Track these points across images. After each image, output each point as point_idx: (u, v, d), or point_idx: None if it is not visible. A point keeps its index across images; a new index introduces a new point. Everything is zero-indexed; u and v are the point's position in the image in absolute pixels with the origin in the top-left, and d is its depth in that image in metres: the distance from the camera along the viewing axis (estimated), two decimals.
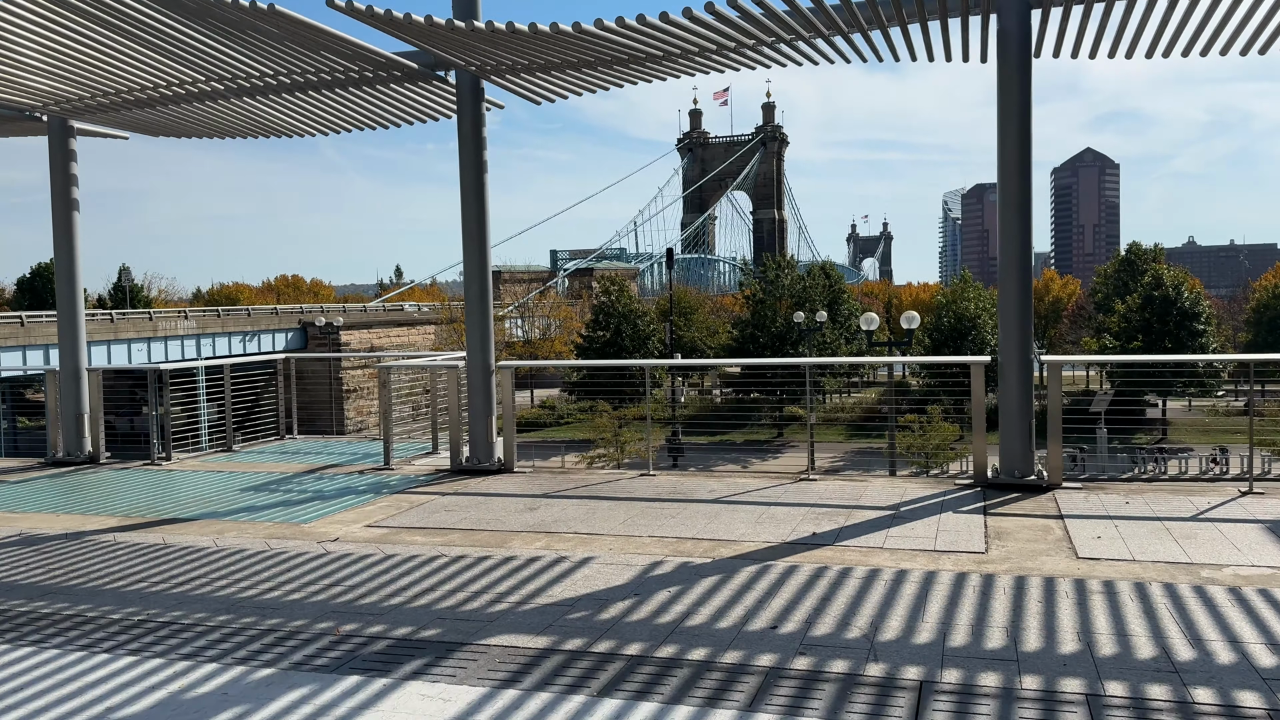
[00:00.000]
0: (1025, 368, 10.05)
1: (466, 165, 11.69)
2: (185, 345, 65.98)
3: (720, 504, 9.58)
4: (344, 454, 13.87)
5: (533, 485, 10.87)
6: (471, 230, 11.72)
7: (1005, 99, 10.00)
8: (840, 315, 71.08)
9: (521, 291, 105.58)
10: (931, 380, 67.70)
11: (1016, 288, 10.03)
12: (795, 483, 10.55)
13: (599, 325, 70.24)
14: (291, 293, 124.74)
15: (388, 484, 11.32)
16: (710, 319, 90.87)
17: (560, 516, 9.23)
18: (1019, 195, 10.01)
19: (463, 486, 10.96)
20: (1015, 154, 9.99)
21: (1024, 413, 10.05)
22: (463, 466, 11.80)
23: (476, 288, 11.79)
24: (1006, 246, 10.07)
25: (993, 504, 9.33)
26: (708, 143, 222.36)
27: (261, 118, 13.41)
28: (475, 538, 8.54)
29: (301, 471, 12.45)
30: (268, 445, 15.11)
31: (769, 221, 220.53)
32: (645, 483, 10.80)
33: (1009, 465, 10.06)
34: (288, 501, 10.55)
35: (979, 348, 64.89)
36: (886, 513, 9.05)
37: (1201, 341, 58.31)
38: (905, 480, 10.52)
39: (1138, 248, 73.67)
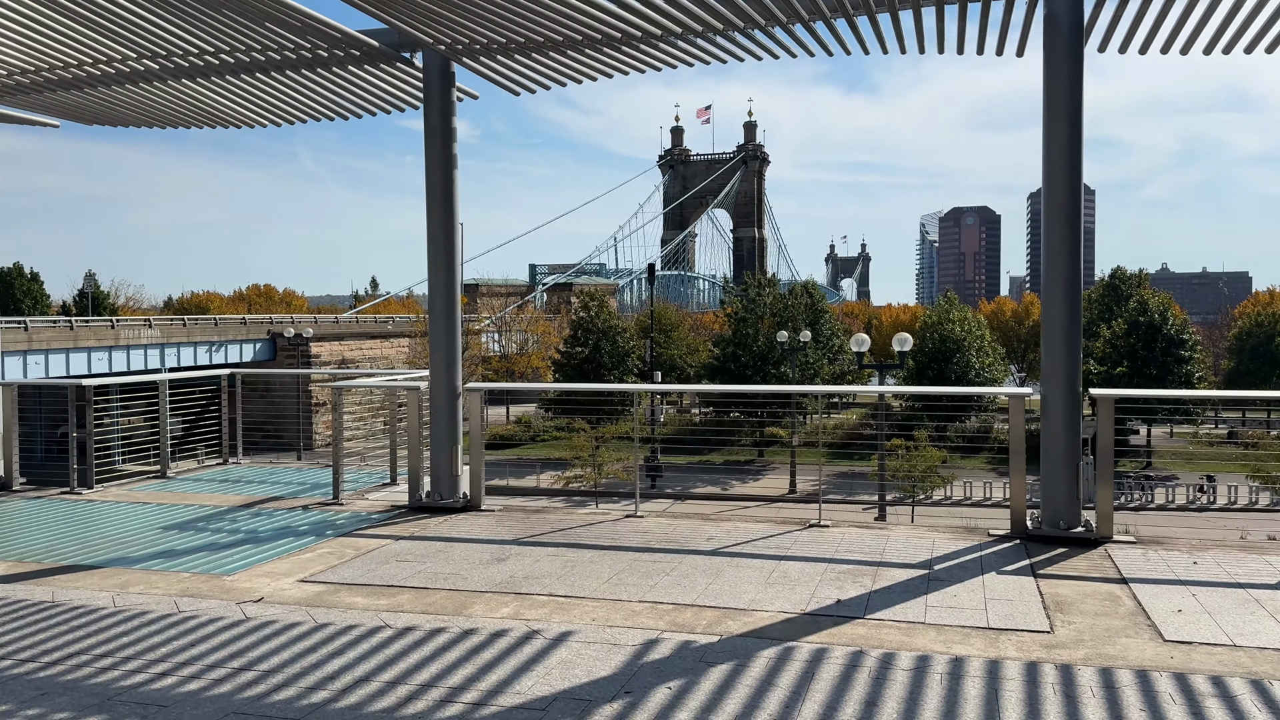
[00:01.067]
0: (1073, 402, 8.73)
1: (434, 160, 10.27)
2: (149, 355, 63.82)
3: (721, 557, 8.16)
4: (290, 483, 12.33)
5: (502, 528, 9.40)
6: (438, 234, 10.29)
7: (1053, 94, 8.73)
8: (822, 335, 69.98)
9: (499, 305, 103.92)
10: (916, 402, 66.73)
11: (1064, 309, 8.72)
12: (805, 530, 9.15)
13: (577, 341, 68.74)
14: (263, 302, 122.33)
15: (334, 523, 9.81)
16: (690, 337, 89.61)
17: (533, 571, 7.77)
18: (1067, 203, 8.72)
19: (420, 528, 9.47)
20: (1064, 156, 8.71)
21: (1070, 454, 8.72)
22: (422, 503, 10.32)
23: (442, 299, 10.34)
24: (1052, 261, 8.77)
25: (1039, 562, 7.98)
26: (689, 160, 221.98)
27: (205, 105, 11.94)
28: (429, 600, 7.06)
29: (239, 505, 10.91)
30: (208, 471, 13.54)
31: (749, 240, 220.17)
32: (632, 527, 9.36)
33: (1053, 515, 8.72)
34: (214, 545, 9.01)
35: (964, 370, 64.01)
36: (918, 572, 7.66)
37: (1187, 369, 57.71)
38: (931, 530, 9.15)
39: (1122, 272, 73.22)
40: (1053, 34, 8.64)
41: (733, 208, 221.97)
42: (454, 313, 10.37)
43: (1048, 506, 8.78)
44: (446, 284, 10.34)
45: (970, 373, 62.90)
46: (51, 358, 58.09)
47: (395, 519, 9.94)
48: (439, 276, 10.33)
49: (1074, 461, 8.73)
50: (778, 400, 64.03)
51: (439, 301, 10.35)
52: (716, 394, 68.77)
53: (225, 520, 10.12)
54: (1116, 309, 69.16)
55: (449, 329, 10.36)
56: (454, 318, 10.37)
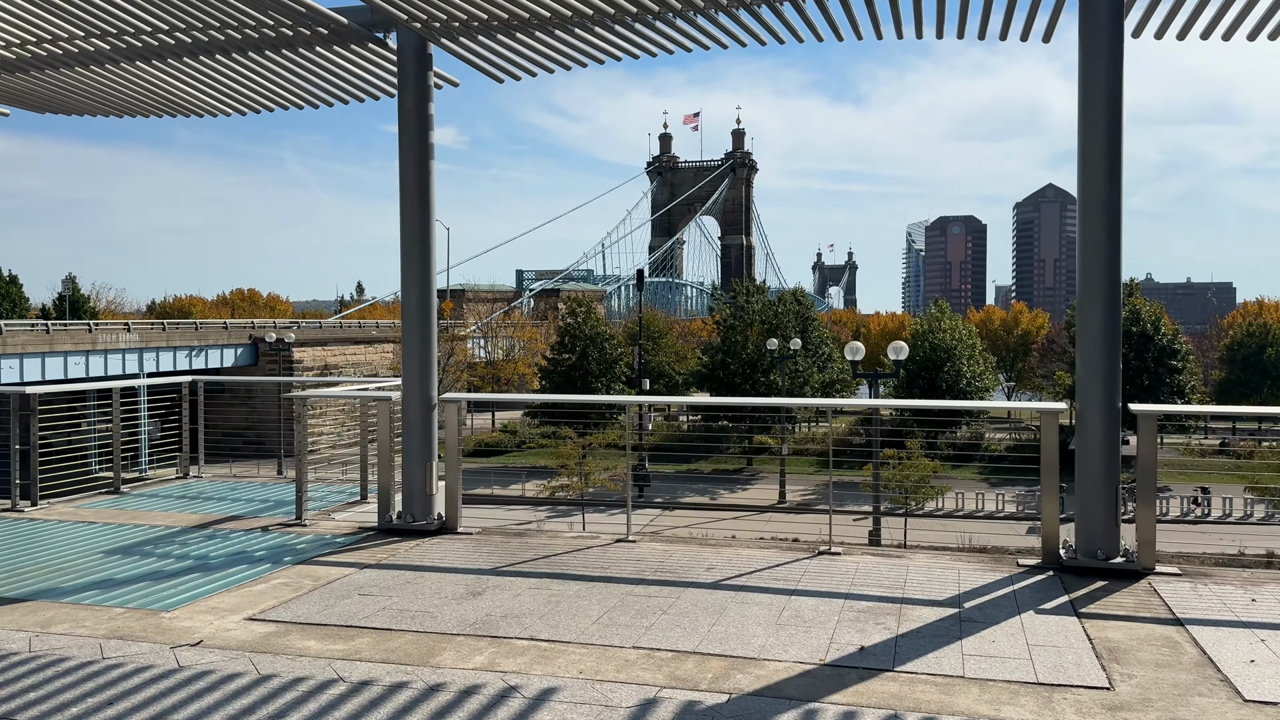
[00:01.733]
0: (1113, 419, 7.91)
1: (408, 149, 9.39)
2: (127, 359, 62.50)
3: (724, 590, 7.29)
4: (253, 500, 11.39)
5: (479, 554, 8.50)
6: (412, 229, 9.40)
7: (1090, 79, 7.93)
8: (811, 343, 69.33)
9: (485, 311, 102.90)
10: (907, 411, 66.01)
11: (1102, 317, 7.90)
12: (814, 558, 8.29)
13: (564, 348, 67.80)
14: (247, 307, 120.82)
15: (293, 548, 8.88)
16: (678, 344, 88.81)
17: (513, 608, 6.87)
18: (1106, 201, 7.91)
19: (389, 554, 8.55)
20: (1102, 148, 7.91)
21: (1109, 475, 7.90)
22: (393, 525, 9.40)
23: (417, 300, 9.45)
24: (1089, 263, 7.95)
25: (1080, 598, 7.14)
26: (677, 167, 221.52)
27: (163, 91, 11.02)
28: (392, 645, 6.15)
29: (193, 526, 9.96)
30: (166, 486, 12.57)
31: (737, 247, 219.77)
32: (624, 554, 8.47)
33: (1089, 543, 7.89)
34: (158, 573, 8.08)
35: (954, 379, 63.41)
36: (947, 611, 6.81)
37: (1179, 379, 57.22)
38: (954, 558, 8.31)
39: None
40: (1090, 13, 7.85)
41: (721, 215, 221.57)
42: (429, 316, 9.48)
43: (1083, 534, 7.95)
44: (421, 284, 9.45)
45: (961, 381, 62.32)
46: (26, 362, 56.74)
47: (362, 543, 9.02)
48: (413, 275, 9.44)
49: (1113, 484, 7.91)
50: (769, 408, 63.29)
51: (413, 303, 9.45)
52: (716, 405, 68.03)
53: (175, 544, 9.18)
54: None
55: (424, 334, 9.46)
56: (429, 321, 9.48)
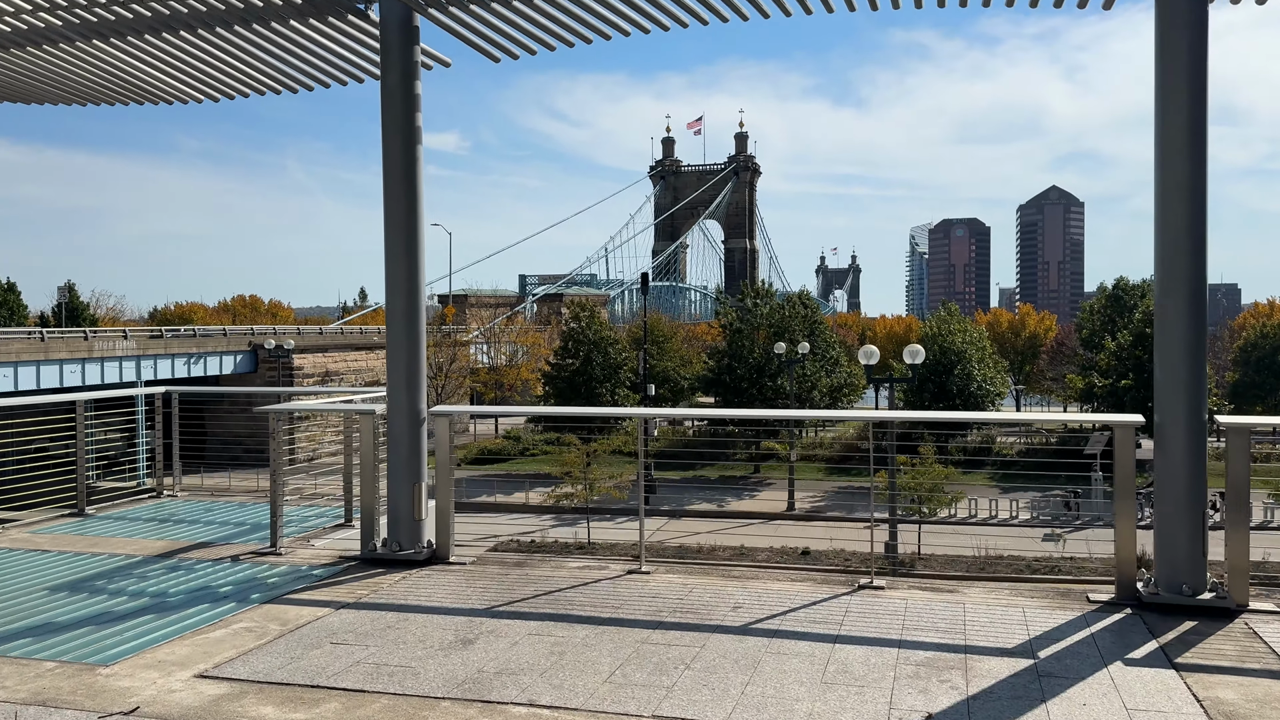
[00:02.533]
0: (1198, 434, 6.89)
1: (392, 133, 8.39)
2: (124, 367, 61.63)
3: (756, 637, 6.26)
4: (227, 523, 10.38)
5: (473, 590, 7.48)
6: (397, 220, 8.40)
7: (1169, 48, 6.92)
8: (818, 346, 68.24)
9: (488, 316, 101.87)
10: None
11: (1187, 318, 6.88)
12: (855, 594, 7.25)
13: (568, 353, 66.76)
14: (248, 313, 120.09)
15: (264, 583, 7.87)
16: (683, 348, 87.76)
17: (510, 662, 5.85)
18: (1189, 182, 6.88)
19: (371, 590, 7.54)
20: (1185, 126, 6.88)
21: (1196, 497, 6.87)
22: (376, 554, 8.38)
23: (403, 302, 8.44)
24: (1171, 256, 6.93)
25: (1170, 643, 6.11)
26: (680, 170, 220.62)
27: (124, 74, 10.04)
28: (364, 713, 5.14)
29: (156, 555, 8.96)
30: (137, 506, 11.57)
31: (741, 251, 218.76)
32: (637, 588, 7.44)
33: (1172, 576, 6.86)
34: (105, 615, 7.07)
35: (965, 383, 62.25)
36: (1021, 663, 5.78)
37: None
38: (1014, 592, 7.27)
39: (1125, 283, 71.64)
40: None
41: (724, 219, 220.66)
42: (417, 319, 8.47)
43: (1165, 566, 6.92)
44: (408, 283, 8.45)
45: (972, 385, 61.20)
46: (21, 370, 55.87)
47: (341, 576, 8.01)
48: (399, 273, 8.43)
49: (1200, 508, 6.88)
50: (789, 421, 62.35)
51: (399, 305, 8.45)
52: (731, 417, 66.74)
53: (132, 577, 8.17)
54: (1120, 320, 67.64)
55: (411, 339, 8.46)
56: (417, 325, 8.47)
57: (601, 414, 12.86)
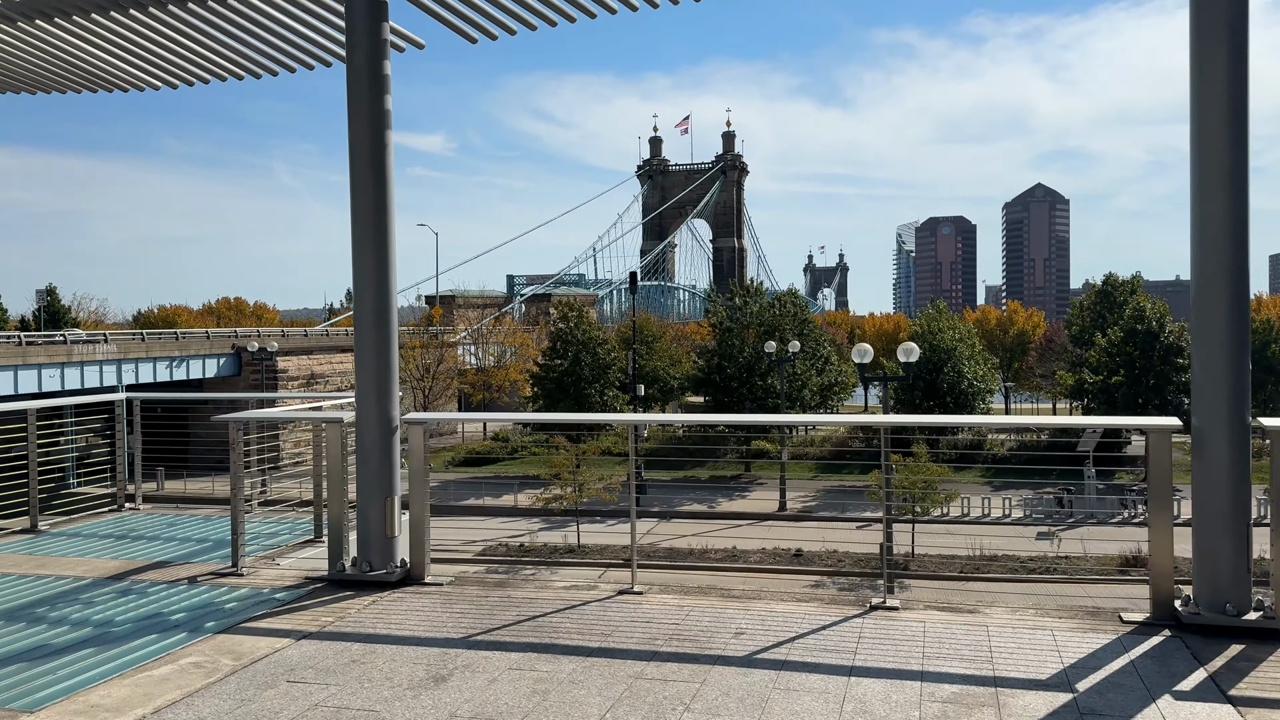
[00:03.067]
0: (1240, 438, 6.31)
1: (359, 118, 7.72)
2: (104, 371, 60.59)
3: (762, 669, 5.64)
4: (188, 540, 9.70)
5: (449, 617, 6.83)
6: (365, 214, 7.74)
7: (1205, 11, 6.33)
8: (808, 345, 67.73)
9: (475, 317, 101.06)
10: (906, 413, 64.39)
11: (1228, 310, 6.30)
12: (868, 615, 6.63)
13: (556, 353, 66.02)
14: (233, 316, 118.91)
15: (221, 608, 7.20)
16: (673, 348, 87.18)
17: (486, 704, 5.21)
18: (1230, 166, 6.31)
19: (337, 617, 6.87)
20: (1225, 101, 6.30)
21: (1238, 509, 6.29)
22: (345, 575, 7.72)
23: (372, 302, 7.78)
24: (1209, 244, 6.35)
25: (1219, 672, 5.52)
26: (667, 170, 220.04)
27: (71, 58, 9.35)
28: None
29: (108, 576, 8.27)
30: (95, 521, 10.86)
31: (729, 250, 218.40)
32: (629, 613, 6.80)
33: (1214, 594, 6.27)
34: (42, 648, 6.39)
35: (955, 380, 61.81)
36: (1060, 698, 5.17)
37: (1186, 377, 55.72)
38: (1040, 614, 6.67)
39: (1114, 279, 71.40)
40: None
41: (712, 218, 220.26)
42: (388, 320, 7.81)
43: (1205, 583, 6.33)
44: (378, 281, 7.78)
45: (962, 383, 60.80)
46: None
47: (306, 600, 7.34)
48: (367, 270, 7.77)
49: (1243, 520, 6.30)
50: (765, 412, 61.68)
51: (368, 304, 7.79)
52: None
53: (78, 603, 7.49)
54: (1109, 316, 67.40)
55: (381, 341, 7.80)
56: (388, 326, 7.81)
57: (589, 420, 11.92)
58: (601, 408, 64.01)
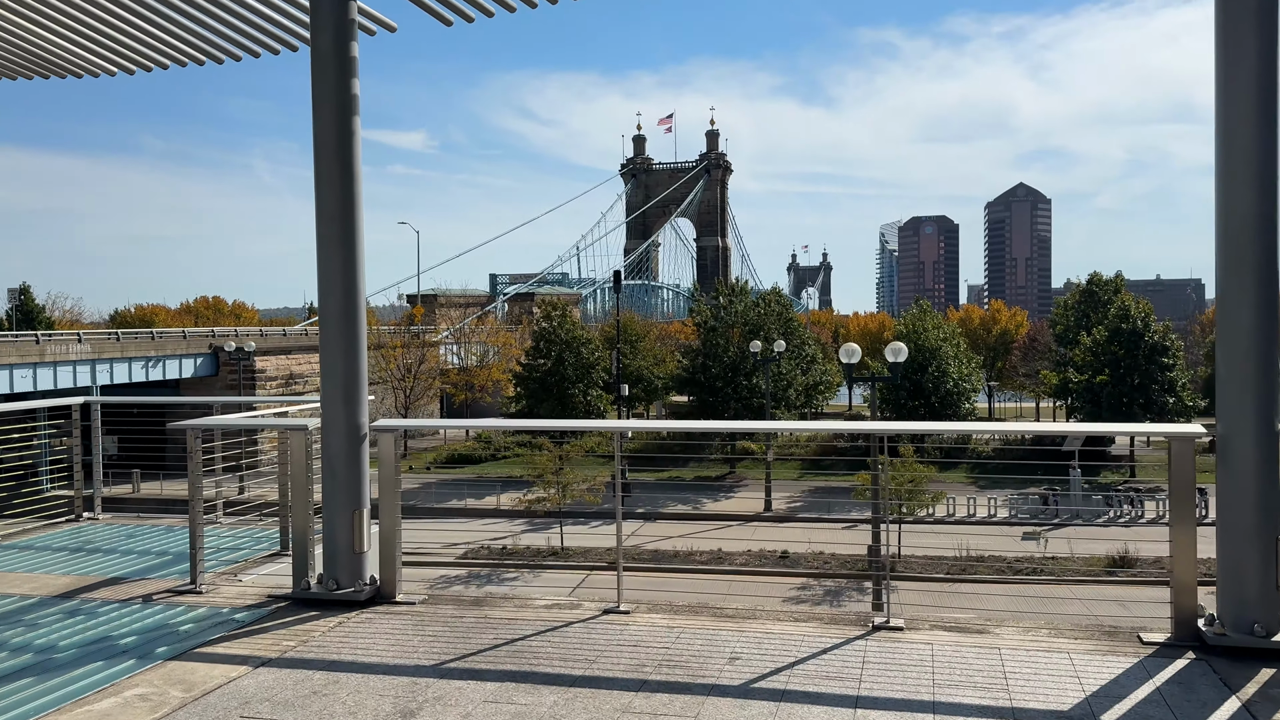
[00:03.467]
0: (1269, 444, 5.90)
1: (324, 105, 7.21)
2: (78, 371, 59.55)
3: (761, 700, 5.18)
4: (148, 553, 9.15)
5: (420, 640, 6.33)
6: (330, 207, 7.23)
7: None
8: (793, 344, 67.46)
9: (458, 316, 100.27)
10: (891, 413, 64.22)
11: (1254, 306, 5.89)
12: (871, 637, 6.19)
13: (540, 353, 65.42)
14: (211, 315, 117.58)
15: (175, 630, 6.68)
16: (657, 347, 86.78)
17: None
18: (1258, 145, 5.90)
19: (300, 641, 6.37)
20: (1252, 86, 5.89)
21: (1267, 521, 5.88)
22: (310, 593, 7.21)
23: (338, 300, 7.27)
24: (1234, 231, 5.94)
25: (1253, 700, 5.11)
26: (651, 169, 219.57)
27: (19, 40, 8.78)
28: None
29: (58, 594, 7.73)
30: (50, 533, 10.29)
31: (713, 249, 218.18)
32: (615, 635, 6.33)
33: (1240, 613, 5.86)
34: None
35: (939, 379, 61.68)
36: None
37: (1170, 376, 55.84)
38: (1053, 634, 6.24)
39: (1099, 278, 71.44)
40: None
41: (696, 217, 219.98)
42: (355, 319, 7.30)
43: (1230, 600, 5.92)
44: (345, 277, 7.27)
45: (947, 382, 60.69)
46: None
47: (268, 621, 6.83)
48: (334, 266, 7.26)
49: (1272, 532, 5.89)
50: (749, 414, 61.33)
51: (334, 303, 7.27)
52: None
53: (21, 625, 6.94)
54: (1094, 315, 67.45)
55: (349, 342, 7.29)
56: (355, 326, 7.30)
57: (571, 426, 11.33)
58: (585, 408, 63.49)
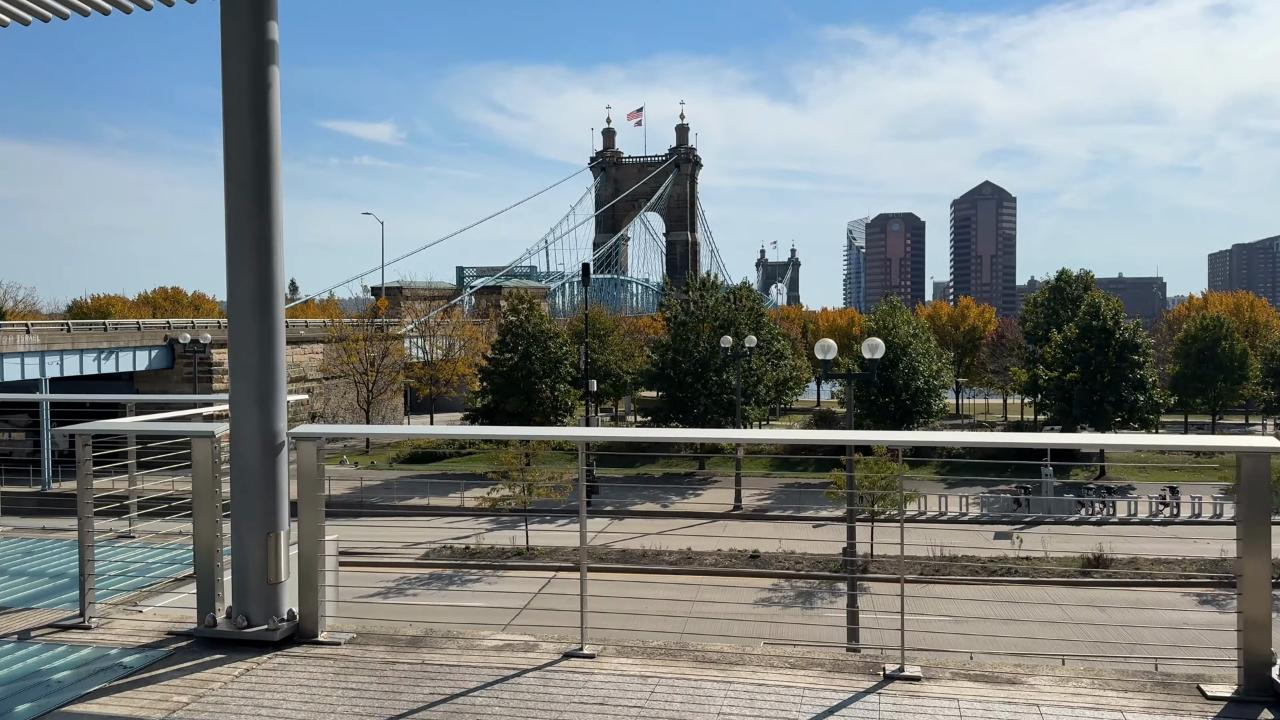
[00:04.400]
0: None
1: (235, 53, 6.04)
2: (26, 364, 57.30)
3: None
4: (41, 576, 7.95)
5: (341, 698, 5.22)
6: (243, 176, 6.07)
7: None
8: (763, 340, 66.71)
9: (423, 309, 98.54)
10: (861, 410, 63.66)
11: None
12: (882, 689, 5.18)
13: (506, 347, 64.06)
14: (170, 306, 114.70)
15: (47, 680, 5.52)
16: (625, 342, 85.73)
17: None
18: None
19: (193, 697, 5.23)
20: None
21: None
22: (216, 630, 6.07)
23: (252, 286, 6.11)
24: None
25: None
26: (620, 162, 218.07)
27: None
28: None
29: None
30: None
31: (682, 244, 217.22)
32: (576, 689, 5.26)
33: None
34: None
35: (910, 376, 61.18)
36: None
37: (1140, 374, 55.72)
38: (1099, 686, 5.27)
39: (1068, 275, 71.39)
40: None
41: (665, 211, 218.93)
42: (271, 309, 6.15)
43: None
44: (260, 257, 6.12)
45: (918, 380, 60.19)
46: None
47: (161, 665, 5.69)
48: (245, 246, 6.10)
49: None
50: (719, 409, 60.47)
51: (246, 288, 6.12)
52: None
53: None
54: (1063, 312, 67.34)
55: (264, 334, 6.14)
56: (272, 316, 6.16)
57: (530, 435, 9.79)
58: (553, 403, 62.31)
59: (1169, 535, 44.96)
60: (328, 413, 77.06)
